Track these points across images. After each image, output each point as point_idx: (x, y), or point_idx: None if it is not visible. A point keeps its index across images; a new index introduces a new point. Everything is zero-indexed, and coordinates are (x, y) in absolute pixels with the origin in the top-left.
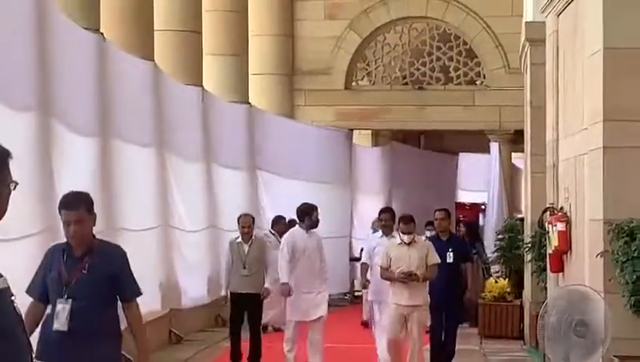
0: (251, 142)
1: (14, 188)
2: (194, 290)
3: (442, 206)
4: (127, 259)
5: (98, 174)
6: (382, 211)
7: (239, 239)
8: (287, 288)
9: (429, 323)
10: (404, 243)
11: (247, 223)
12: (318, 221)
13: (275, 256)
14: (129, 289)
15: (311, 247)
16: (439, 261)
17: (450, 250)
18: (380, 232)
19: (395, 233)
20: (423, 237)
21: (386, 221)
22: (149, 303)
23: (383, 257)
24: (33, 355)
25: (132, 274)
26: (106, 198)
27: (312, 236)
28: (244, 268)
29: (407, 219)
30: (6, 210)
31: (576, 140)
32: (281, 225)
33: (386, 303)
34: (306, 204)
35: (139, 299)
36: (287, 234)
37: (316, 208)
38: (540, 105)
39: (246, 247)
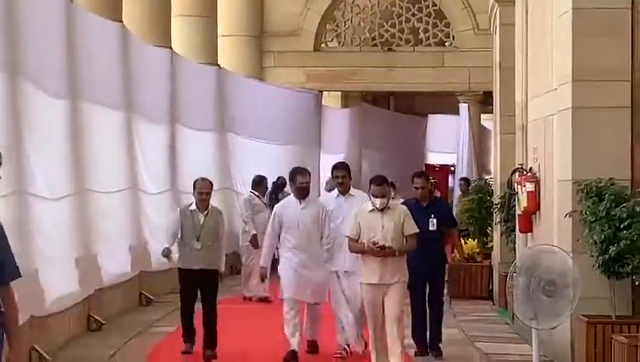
0: (221, 104)
1: None
2: None
3: (411, 167)
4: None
5: (66, 136)
6: (336, 167)
7: (193, 207)
8: (264, 273)
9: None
10: (377, 209)
11: (205, 188)
12: (304, 188)
13: (264, 219)
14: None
15: (306, 220)
16: (417, 230)
17: (432, 215)
18: (336, 191)
19: (353, 192)
20: (399, 202)
21: (342, 178)
22: (119, 266)
23: (351, 226)
24: None
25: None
26: (74, 160)
27: (309, 207)
28: (197, 240)
29: (380, 180)
30: None
31: (545, 101)
32: (263, 186)
33: (353, 274)
34: (295, 168)
35: (109, 260)
36: (278, 204)
37: (301, 173)
38: (509, 67)
39: (201, 217)
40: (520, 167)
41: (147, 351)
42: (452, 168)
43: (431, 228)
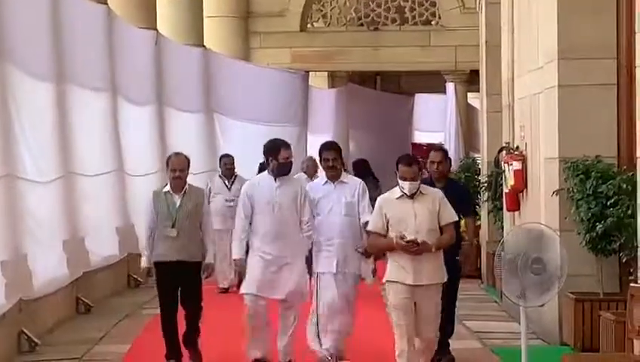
0: (207, 86)
1: None
2: None
3: (398, 147)
4: None
5: (53, 119)
6: (325, 147)
7: (167, 188)
8: (240, 265)
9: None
10: (407, 195)
11: (179, 165)
12: (287, 164)
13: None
14: None
15: (282, 201)
16: (456, 218)
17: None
18: (324, 177)
19: (345, 178)
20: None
21: (333, 160)
22: (107, 248)
23: (375, 218)
24: None
25: None
26: (61, 143)
27: (286, 185)
28: (173, 226)
29: (409, 160)
30: None
31: (531, 79)
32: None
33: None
34: (272, 140)
35: (97, 243)
36: (248, 182)
37: (285, 146)
38: (496, 45)
39: (177, 199)
40: (507, 145)
41: (136, 333)
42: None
43: None
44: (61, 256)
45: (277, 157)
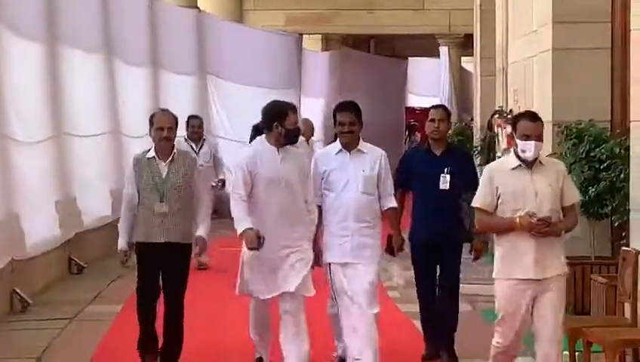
0: (201, 48)
1: None
2: None
3: (392, 110)
4: None
5: (45, 79)
6: (341, 108)
7: (151, 154)
8: (253, 237)
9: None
10: (524, 165)
11: (166, 123)
12: (295, 131)
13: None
14: None
15: (289, 177)
16: (580, 197)
17: (446, 170)
18: (337, 144)
19: (364, 147)
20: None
21: (350, 125)
22: (100, 209)
23: (484, 192)
24: None
25: None
26: (53, 104)
27: (291, 157)
28: (162, 200)
29: (534, 115)
30: None
31: (525, 43)
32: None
33: (353, 267)
34: (275, 103)
35: (90, 204)
36: (245, 153)
37: (293, 109)
38: (490, 9)
39: (163, 167)
40: (500, 109)
41: (128, 294)
42: None
43: (442, 186)
44: (53, 216)
45: (284, 123)
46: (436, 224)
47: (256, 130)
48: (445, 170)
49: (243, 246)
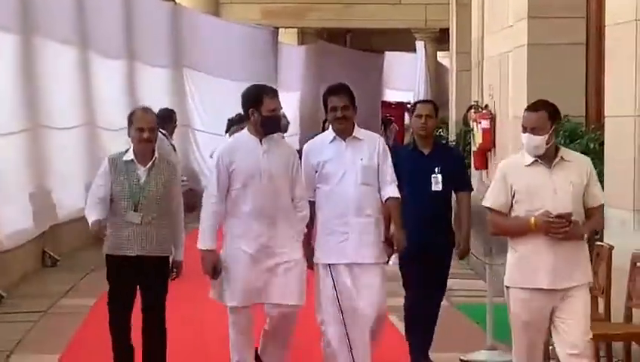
0: (177, 40)
1: None
2: None
3: (368, 105)
4: None
5: (20, 71)
6: (332, 91)
7: (129, 156)
8: (212, 262)
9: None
10: (540, 159)
11: (148, 123)
12: (273, 118)
13: None
14: None
15: (273, 170)
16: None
17: (437, 170)
18: (331, 132)
19: (360, 133)
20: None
21: (343, 109)
22: (75, 202)
23: (497, 190)
24: None
25: None
26: (27, 96)
27: (276, 149)
28: (135, 210)
29: (538, 105)
30: None
31: (501, 38)
32: (172, 123)
33: (354, 269)
34: (252, 87)
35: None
36: (224, 145)
37: (270, 93)
38: (466, 3)
39: (142, 173)
40: (475, 103)
41: (103, 287)
42: (408, 105)
43: (434, 187)
44: (27, 209)
45: (259, 109)
46: (427, 228)
47: (231, 123)
48: (436, 169)
49: (221, 248)
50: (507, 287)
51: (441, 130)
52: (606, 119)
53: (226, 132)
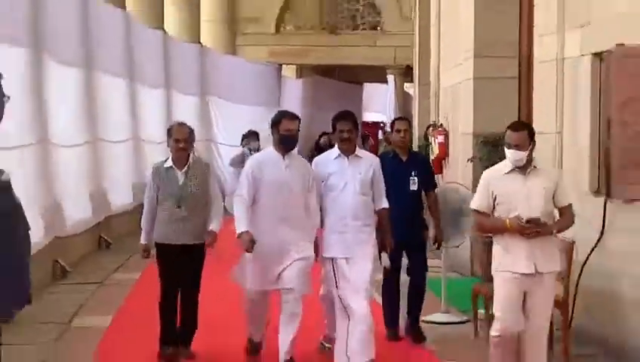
0: (203, 74)
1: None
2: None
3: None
4: None
5: (83, 99)
6: (340, 117)
7: (169, 163)
8: (249, 239)
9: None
10: (518, 170)
11: (183, 136)
12: (289, 137)
13: None
14: None
15: (293, 183)
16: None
17: (413, 173)
18: (336, 150)
19: (360, 153)
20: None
21: (348, 132)
22: (123, 199)
23: (480, 195)
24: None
25: None
26: (89, 116)
27: (295, 164)
28: (179, 207)
29: (519, 125)
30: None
31: (453, 73)
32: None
33: (351, 261)
34: (282, 111)
35: (118, 194)
36: (251, 158)
37: (288, 116)
38: (426, 45)
39: (180, 176)
40: (433, 123)
41: (144, 265)
42: (381, 124)
43: (412, 187)
44: (87, 203)
45: (278, 129)
46: (407, 219)
47: (244, 137)
48: (413, 173)
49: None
50: (495, 272)
51: None
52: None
53: (241, 143)
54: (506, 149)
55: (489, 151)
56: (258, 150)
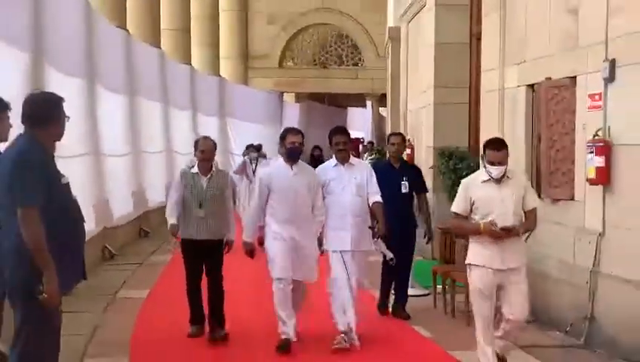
0: (222, 100)
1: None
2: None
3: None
4: None
5: (128, 119)
6: (335, 132)
7: (195, 169)
8: (249, 250)
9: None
10: (493, 179)
11: (208, 148)
12: (294, 149)
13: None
14: None
15: (299, 189)
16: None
17: (404, 178)
18: (334, 160)
19: (353, 161)
20: (501, 169)
21: (343, 144)
22: (158, 197)
23: (460, 200)
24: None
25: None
26: (132, 133)
27: (302, 173)
28: (200, 207)
29: (499, 145)
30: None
31: (418, 99)
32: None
33: (351, 254)
34: (288, 127)
35: (154, 194)
36: (263, 170)
37: (293, 132)
38: (397, 78)
39: (204, 182)
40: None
41: (175, 250)
42: (361, 140)
43: (403, 190)
44: (130, 201)
45: (285, 143)
46: (399, 217)
47: (246, 148)
48: (404, 178)
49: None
50: (469, 265)
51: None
52: (480, 149)
53: (242, 154)
54: (488, 165)
55: (445, 160)
56: (257, 159)
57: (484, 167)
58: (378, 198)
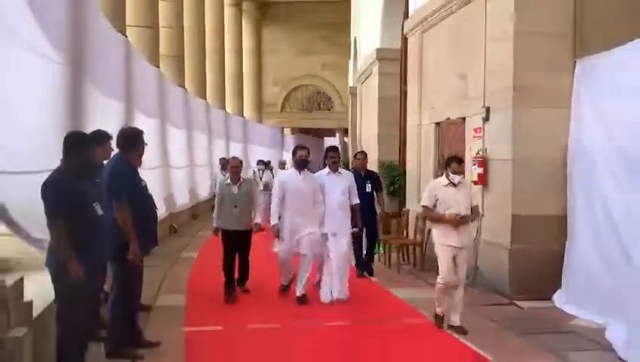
0: (245, 132)
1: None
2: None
3: (318, 161)
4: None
5: (160, 146)
6: (330, 149)
7: (228, 180)
8: (276, 229)
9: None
10: (452, 184)
11: (236, 164)
12: (300, 161)
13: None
14: None
15: (305, 189)
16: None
17: (368, 182)
18: (327, 169)
19: (340, 170)
20: (459, 178)
21: (336, 158)
22: (204, 194)
23: (428, 197)
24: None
25: None
26: (161, 150)
27: (307, 178)
28: (235, 207)
29: (460, 161)
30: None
31: (365, 131)
32: (259, 165)
33: (337, 235)
34: (297, 145)
35: (202, 191)
36: (281, 175)
37: (300, 148)
38: (355, 118)
39: (235, 188)
40: (357, 153)
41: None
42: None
43: (367, 190)
44: (186, 195)
45: (295, 156)
46: (365, 208)
47: (257, 163)
48: (368, 182)
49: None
50: (437, 243)
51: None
52: (407, 162)
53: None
54: (451, 174)
55: (384, 169)
56: (263, 170)
57: (447, 175)
58: (357, 201)
